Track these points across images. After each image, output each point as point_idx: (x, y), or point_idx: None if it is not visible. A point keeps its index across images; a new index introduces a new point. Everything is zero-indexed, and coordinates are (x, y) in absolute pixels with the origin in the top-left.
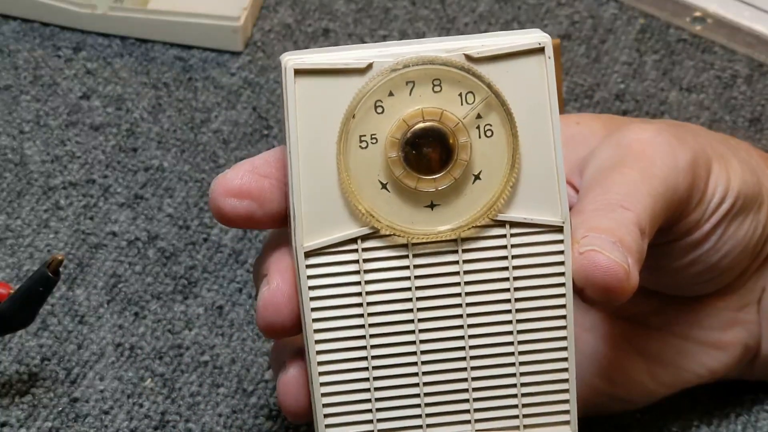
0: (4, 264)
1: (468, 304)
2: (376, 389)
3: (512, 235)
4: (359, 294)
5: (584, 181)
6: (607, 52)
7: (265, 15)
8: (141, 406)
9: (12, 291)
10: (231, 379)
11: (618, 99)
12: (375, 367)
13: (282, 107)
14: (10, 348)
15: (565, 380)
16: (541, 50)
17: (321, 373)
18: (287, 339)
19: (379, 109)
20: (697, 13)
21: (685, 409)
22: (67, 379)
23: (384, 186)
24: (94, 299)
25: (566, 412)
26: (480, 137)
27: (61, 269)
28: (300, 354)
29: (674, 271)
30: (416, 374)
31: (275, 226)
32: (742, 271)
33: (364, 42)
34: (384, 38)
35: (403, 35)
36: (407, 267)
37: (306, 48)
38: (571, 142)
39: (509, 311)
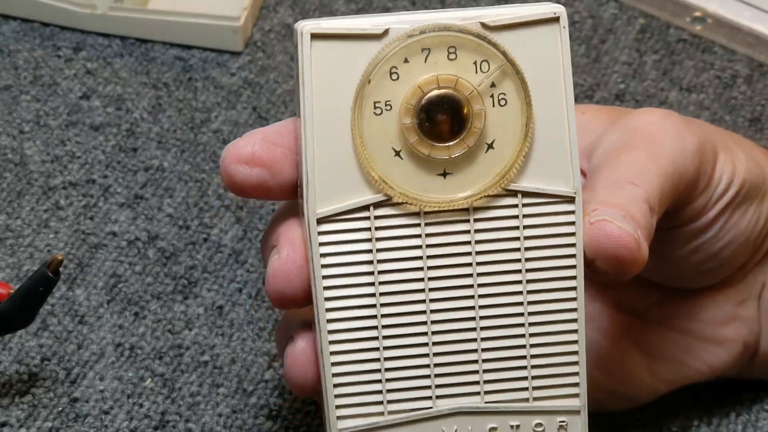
0: (4, 264)
1: (479, 274)
2: (386, 359)
3: (524, 205)
4: (370, 262)
5: (593, 163)
6: (607, 52)
7: (265, 15)
8: (141, 406)
9: (12, 291)
10: (231, 379)
11: (618, 99)
12: (385, 337)
13: (296, 73)
14: (10, 348)
15: (575, 352)
16: (556, 20)
17: (331, 342)
18: (295, 313)
19: (394, 76)
20: (697, 13)
21: (685, 408)
22: (67, 379)
23: (397, 153)
24: (94, 299)
25: (575, 384)
26: (494, 106)
27: (61, 269)
28: (308, 327)
29: (677, 259)
30: (426, 344)
31: (285, 196)
32: (742, 264)
33: None
34: None
35: None
36: (419, 235)
37: None
38: (577, 131)
39: (520, 282)
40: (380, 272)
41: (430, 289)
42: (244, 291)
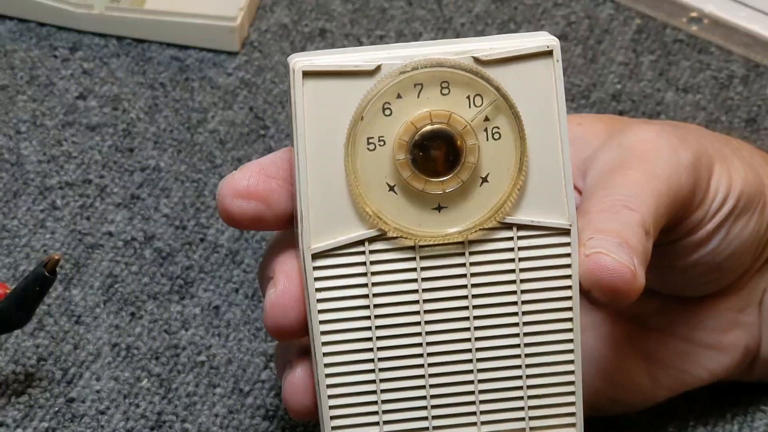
0: (0, 264)
1: (475, 306)
2: (383, 391)
3: (519, 238)
4: (366, 296)
5: (587, 182)
6: (603, 53)
7: (262, 15)
8: (137, 406)
9: (9, 291)
10: (227, 380)
11: (614, 99)
12: (381, 369)
13: (289, 109)
14: (7, 348)
15: (571, 382)
16: (549, 53)
17: (328, 375)
18: None
19: (387, 112)
20: (694, 14)
21: (682, 409)
22: (63, 380)
23: (391, 188)
24: (90, 299)
25: (572, 414)
26: (488, 140)
27: (57, 269)
28: (306, 352)
29: (678, 271)
30: (423, 376)
31: (282, 227)
32: (744, 272)
33: (361, 42)
34: (381, 38)
35: (400, 35)
36: (414, 269)
37: (303, 49)
38: (573, 143)
39: (516, 313)
40: (376, 306)
41: (426, 322)
42: (240, 291)
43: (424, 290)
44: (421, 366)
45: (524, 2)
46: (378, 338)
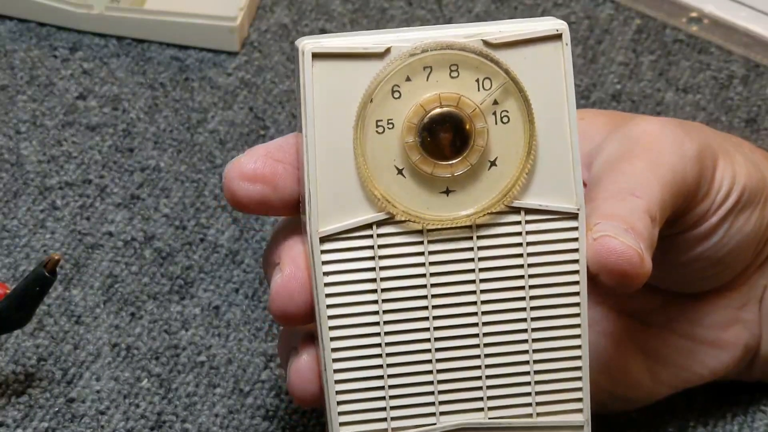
0: (0, 264)
1: (482, 291)
2: (390, 376)
3: (527, 222)
4: (374, 280)
5: (593, 173)
6: (603, 53)
7: (262, 15)
8: (137, 406)
9: (8, 291)
10: (227, 380)
11: (614, 99)
12: (389, 354)
13: (297, 91)
14: (7, 348)
15: (578, 368)
16: (558, 37)
17: (335, 360)
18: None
19: (396, 94)
20: (694, 14)
21: (682, 409)
22: (63, 380)
23: (400, 171)
24: (90, 299)
25: (579, 399)
26: (497, 123)
27: (57, 269)
28: (312, 338)
29: (680, 265)
30: (430, 361)
31: (288, 212)
32: (744, 268)
33: None
34: None
35: None
36: (422, 253)
37: None
38: None
39: (523, 298)
40: (383, 290)
41: (434, 307)
42: (240, 291)
43: (432, 274)
44: (429, 351)
45: (524, 2)
46: (385, 323)
